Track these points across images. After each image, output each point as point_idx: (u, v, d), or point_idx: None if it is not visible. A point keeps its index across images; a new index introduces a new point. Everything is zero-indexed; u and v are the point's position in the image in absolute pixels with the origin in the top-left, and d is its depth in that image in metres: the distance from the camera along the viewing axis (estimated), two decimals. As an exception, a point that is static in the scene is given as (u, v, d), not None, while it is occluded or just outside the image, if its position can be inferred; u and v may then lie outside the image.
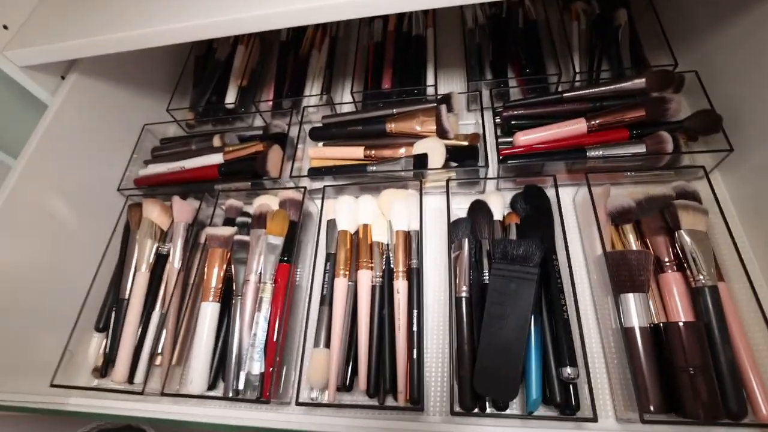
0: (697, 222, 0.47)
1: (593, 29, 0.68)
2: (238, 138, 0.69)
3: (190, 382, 0.51)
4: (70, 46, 0.54)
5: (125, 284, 0.58)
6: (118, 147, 0.69)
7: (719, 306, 0.44)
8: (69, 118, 0.60)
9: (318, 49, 0.77)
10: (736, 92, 0.53)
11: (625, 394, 0.44)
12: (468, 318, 0.48)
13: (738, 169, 0.54)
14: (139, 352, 0.55)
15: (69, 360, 0.56)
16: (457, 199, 0.60)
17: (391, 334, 0.50)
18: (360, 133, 0.65)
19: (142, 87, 0.74)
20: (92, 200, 0.63)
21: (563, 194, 0.55)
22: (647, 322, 0.45)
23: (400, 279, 0.51)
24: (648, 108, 0.54)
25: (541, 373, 0.45)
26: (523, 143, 0.58)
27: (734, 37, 0.54)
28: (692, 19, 0.61)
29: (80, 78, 0.62)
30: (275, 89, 0.74)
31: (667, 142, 0.53)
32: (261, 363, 0.51)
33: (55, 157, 0.58)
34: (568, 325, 0.46)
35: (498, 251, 0.49)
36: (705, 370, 0.41)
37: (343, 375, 0.49)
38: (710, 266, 0.45)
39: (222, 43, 0.78)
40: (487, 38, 0.70)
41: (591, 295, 0.52)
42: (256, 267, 0.55)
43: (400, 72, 0.70)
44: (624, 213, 0.51)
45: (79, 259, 0.59)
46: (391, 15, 0.75)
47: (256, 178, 0.62)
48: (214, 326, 0.54)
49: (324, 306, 0.52)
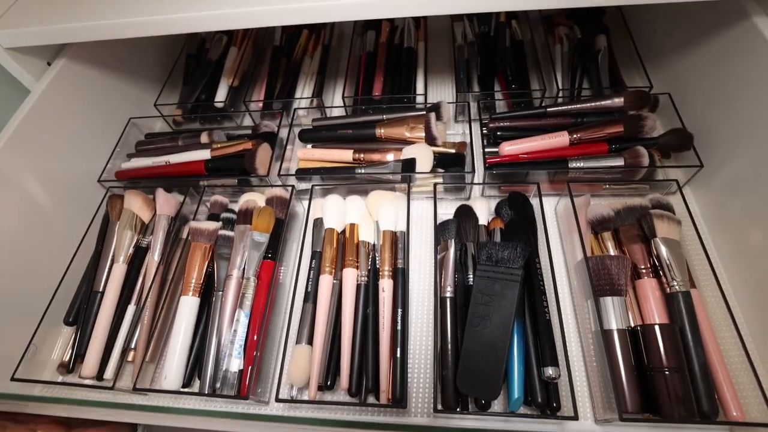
0: (671, 231, 0.50)
1: (575, 52, 0.72)
2: (227, 136, 0.69)
3: (164, 377, 0.49)
4: (58, 29, 0.53)
5: (100, 276, 0.56)
6: (101, 138, 0.67)
7: (692, 310, 0.46)
8: (52, 105, 0.59)
9: (310, 56, 0.78)
10: (705, 113, 0.57)
11: (603, 394, 0.45)
12: (452, 318, 0.49)
13: (706, 184, 0.57)
14: (111, 348, 0.53)
15: (33, 355, 0.53)
16: (444, 205, 0.61)
17: (375, 332, 0.49)
18: (350, 137, 0.66)
19: (130, 80, 0.73)
20: (71, 190, 0.61)
21: (545, 204, 0.57)
22: (625, 325, 0.46)
23: (386, 278, 0.51)
24: (626, 124, 0.57)
25: (524, 373, 0.46)
26: (509, 153, 0.60)
27: (704, 61, 0.58)
28: (665, 45, 0.66)
29: (67, 65, 0.61)
30: (266, 91, 0.74)
31: (644, 156, 0.56)
32: (240, 360, 0.50)
33: (35, 142, 0.56)
34: (549, 327, 0.47)
35: (483, 253, 0.50)
36: (680, 371, 0.42)
37: (325, 373, 0.48)
38: (683, 273, 0.48)
39: (215, 43, 0.78)
40: (475, 54, 0.73)
41: (571, 300, 0.54)
42: (239, 263, 0.54)
43: (391, 81, 0.72)
44: (603, 221, 0.53)
45: (52, 249, 0.57)
46: (383, 27, 0.77)
47: (243, 175, 0.62)
48: (192, 321, 0.52)
49: (308, 303, 0.51)
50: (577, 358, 0.50)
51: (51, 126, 0.59)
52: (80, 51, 0.63)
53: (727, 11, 0.52)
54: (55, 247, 0.58)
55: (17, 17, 0.55)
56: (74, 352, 0.53)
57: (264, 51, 0.81)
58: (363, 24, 0.80)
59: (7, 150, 0.53)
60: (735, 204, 0.53)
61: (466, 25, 0.77)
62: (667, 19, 0.66)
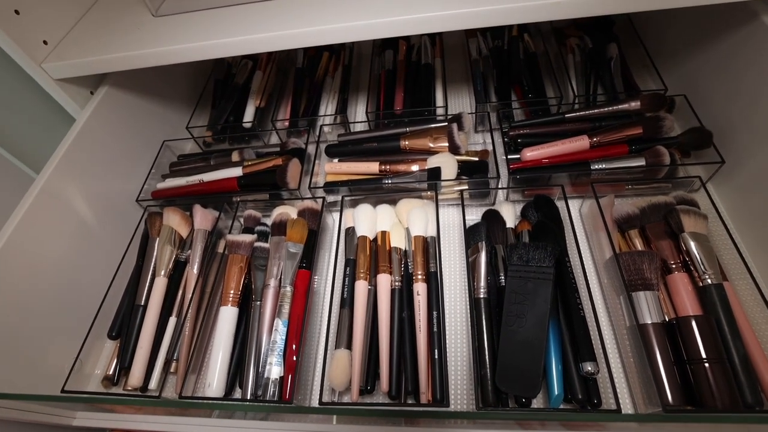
0: (698, 226, 0.51)
1: (588, 61, 0.74)
2: (256, 154, 0.72)
3: (208, 385, 0.50)
4: (103, 59, 0.57)
5: (142, 290, 0.58)
6: (138, 161, 0.71)
7: (726, 302, 0.46)
8: (94, 131, 0.62)
9: (332, 76, 0.82)
10: (722, 111, 0.58)
11: (643, 389, 0.45)
12: (487, 318, 0.50)
13: (729, 180, 0.58)
14: (154, 360, 0.54)
15: (78, 369, 0.54)
16: (470, 211, 0.63)
17: (411, 335, 0.50)
18: (375, 150, 0.68)
19: (163, 105, 0.77)
20: (111, 210, 0.64)
21: (570, 206, 0.58)
22: (659, 319, 0.47)
23: (420, 282, 0.53)
24: (645, 125, 0.59)
25: (562, 369, 0.46)
26: (531, 158, 0.62)
27: (715, 62, 0.60)
28: (676, 49, 0.68)
29: (108, 93, 0.65)
30: (291, 110, 0.78)
31: (664, 155, 0.57)
32: (281, 367, 0.51)
33: (79, 166, 0.59)
34: (585, 323, 0.48)
35: (514, 254, 0.51)
36: (720, 362, 0.43)
37: (364, 376, 0.49)
38: (714, 266, 0.48)
39: (240, 68, 0.82)
40: (490, 67, 0.76)
41: (602, 298, 0.54)
42: (276, 272, 0.56)
43: (411, 95, 0.75)
44: (629, 219, 0.54)
45: (95, 267, 0.60)
46: (400, 46, 0.81)
47: (274, 190, 0.65)
48: (232, 330, 0.54)
49: (344, 309, 0.53)
50: (613, 354, 0.50)
51: (93, 150, 0.62)
52: (119, 79, 0.67)
53: (733, 11, 0.54)
54: (98, 265, 0.60)
55: (64, 50, 0.59)
56: (118, 364, 0.55)
57: (287, 73, 0.85)
58: (381, 44, 0.83)
59: (56, 174, 0.56)
60: (760, 198, 0.54)
61: (480, 40, 0.80)
62: (676, 23, 0.68)
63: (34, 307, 0.52)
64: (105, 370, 0.56)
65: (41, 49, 0.58)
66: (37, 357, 0.52)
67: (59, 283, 0.55)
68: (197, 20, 0.58)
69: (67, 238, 0.57)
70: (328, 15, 0.52)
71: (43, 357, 0.52)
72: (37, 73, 0.58)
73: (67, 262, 0.56)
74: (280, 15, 0.55)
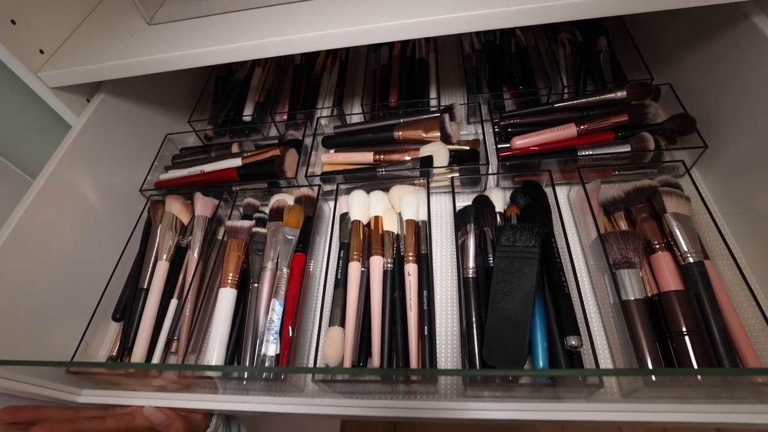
0: (681, 206, 0.52)
1: (578, 54, 0.76)
2: (255, 146, 0.75)
3: (207, 363, 0.52)
4: (98, 68, 0.57)
5: (145, 274, 0.60)
6: (142, 155, 0.73)
7: (707, 278, 0.47)
8: (94, 134, 0.63)
9: (329, 72, 0.84)
10: (705, 100, 0.60)
11: (627, 365, 0.47)
12: (475, 297, 0.51)
13: (713, 165, 0.59)
14: (155, 340, 0.56)
15: (84, 350, 0.57)
16: (461, 198, 0.65)
17: (402, 313, 0.52)
18: (370, 141, 0.70)
19: (165, 102, 0.79)
20: (115, 200, 0.66)
21: (558, 193, 0.60)
22: (642, 295, 0.48)
23: (411, 263, 0.54)
24: (630, 113, 0.61)
25: (547, 345, 0.48)
26: (520, 146, 0.64)
27: (701, 54, 0.61)
28: (663, 43, 0.70)
29: (105, 99, 0.66)
30: (290, 104, 0.80)
31: (649, 141, 0.59)
32: (277, 345, 0.53)
33: (86, 159, 0.61)
34: (569, 300, 0.49)
35: (501, 235, 0.53)
36: (698, 333, 0.44)
37: (357, 353, 0.51)
38: (696, 245, 0.50)
39: (240, 65, 0.85)
40: (483, 61, 0.78)
41: (589, 278, 0.56)
42: (273, 255, 0.58)
43: (405, 89, 0.77)
44: (615, 202, 0.56)
45: (99, 253, 0.62)
46: (396, 42, 0.83)
47: (272, 179, 0.67)
48: (231, 311, 0.56)
49: (338, 289, 0.55)
50: (598, 331, 0.52)
51: (94, 151, 0.63)
52: (117, 86, 0.68)
53: (726, 11, 0.55)
54: (102, 251, 0.62)
55: (60, 59, 0.60)
56: (122, 345, 0.57)
57: (286, 70, 0.88)
58: (376, 40, 0.86)
59: (62, 165, 0.57)
60: (742, 182, 0.55)
61: (473, 35, 0.82)
62: (665, 19, 0.70)
63: (42, 291, 0.54)
64: (109, 350, 0.58)
65: (37, 58, 0.59)
66: (45, 337, 0.54)
67: (66, 269, 0.57)
68: (192, 28, 0.58)
69: (73, 226, 0.59)
70: (321, 21, 0.52)
71: (50, 338, 0.55)
72: (34, 82, 0.58)
73: (73, 249, 0.58)
74: (273, 21, 0.55)
